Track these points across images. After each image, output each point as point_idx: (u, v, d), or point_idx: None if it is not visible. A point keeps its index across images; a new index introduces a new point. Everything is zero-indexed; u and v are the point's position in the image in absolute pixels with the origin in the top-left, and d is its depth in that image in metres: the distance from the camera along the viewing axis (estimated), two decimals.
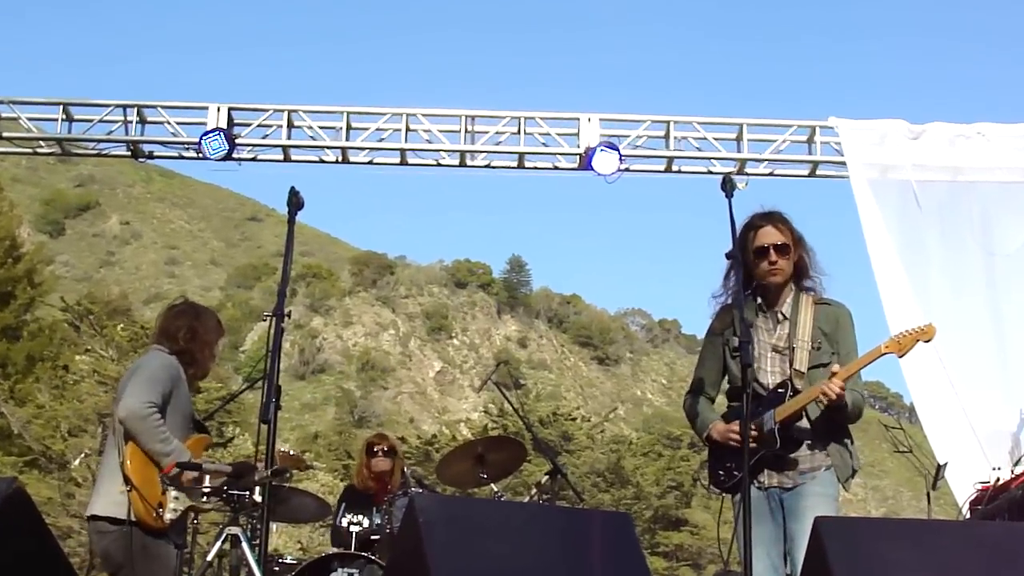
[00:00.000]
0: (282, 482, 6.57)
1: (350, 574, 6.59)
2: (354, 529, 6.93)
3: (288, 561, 7.08)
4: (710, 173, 9.94)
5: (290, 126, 9.85)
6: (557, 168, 10.09)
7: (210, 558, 5.17)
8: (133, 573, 4.91)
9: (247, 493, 5.16)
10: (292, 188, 4.89)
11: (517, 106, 9.86)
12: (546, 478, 7.47)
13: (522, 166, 10.08)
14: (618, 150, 9.51)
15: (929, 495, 8.35)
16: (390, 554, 6.44)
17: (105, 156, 10.45)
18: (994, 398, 8.55)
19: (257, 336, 75.05)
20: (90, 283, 73.71)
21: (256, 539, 5.50)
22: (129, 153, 10.08)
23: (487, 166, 10.15)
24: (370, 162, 10.13)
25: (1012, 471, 7.47)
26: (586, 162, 9.59)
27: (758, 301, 4.88)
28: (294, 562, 7.00)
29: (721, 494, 4.80)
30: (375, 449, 7.63)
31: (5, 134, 9.99)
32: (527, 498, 8.65)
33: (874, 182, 9.27)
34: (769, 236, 4.80)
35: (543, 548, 4.09)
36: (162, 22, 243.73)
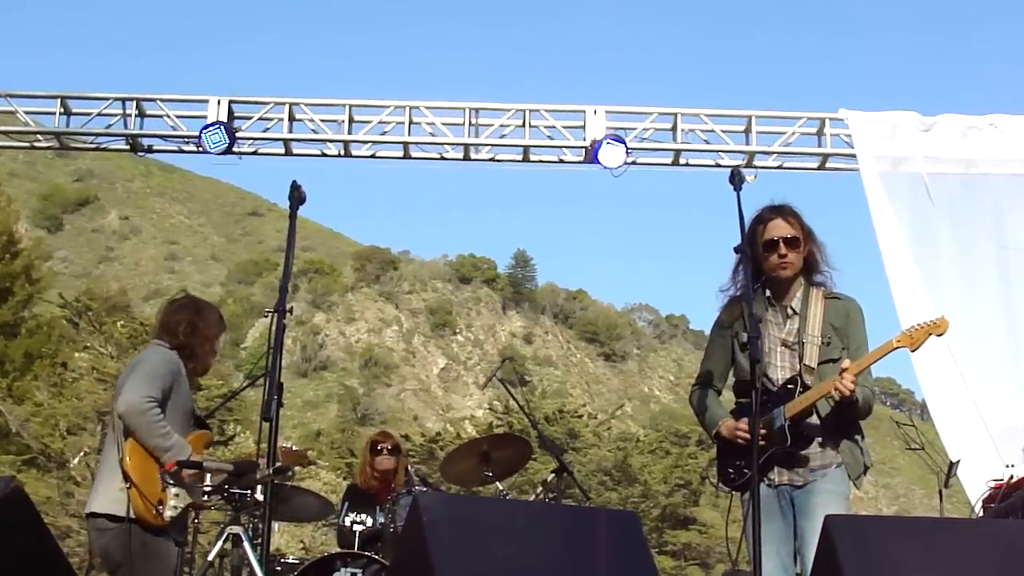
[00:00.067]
0: (284, 480, 6.57)
1: (353, 574, 6.59)
2: (357, 528, 6.94)
3: (290, 561, 7.09)
4: (718, 166, 9.93)
5: (291, 119, 9.86)
6: (562, 161, 10.08)
7: (211, 558, 5.18)
8: (132, 571, 4.92)
9: (249, 492, 5.17)
10: (294, 182, 4.88)
11: (522, 98, 9.85)
12: (552, 476, 7.48)
13: (527, 159, 10.07)
14: (624, 143, 9.51)
15: (941, 493, 8.35)
16: (394, 553, 6.45)
17: (104, 150, 10.47)
18: (1007, 394, 8.55)
19: (258, 332, 75.18)
20: (89, 279, 73.74)
21: (258, 538, 5.50)
22: (128, 147, 10.09)
23: (491, 159, 10.15)
24: (373, 155, 10.13)
25: None
26: (592, 155, 9.59)
27: (767, 295, 4.88)
28: (296, 562, 7.00)
29: (730, 492, 4.79)
30: (379, 447, 7.64)
31: (2, 128, 10.02)
32: (533, 497, 8.66)
33: (885, 175, 9.26)
34: (779, 229, 4.80)
35: (549, 547, 4.09)
36: (161, 13, 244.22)
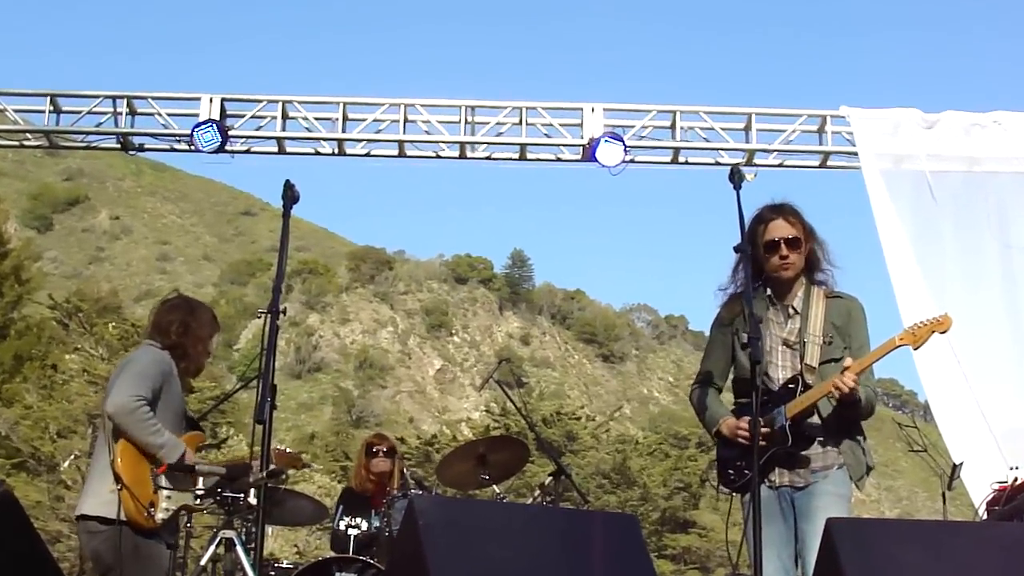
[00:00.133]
0: (278, 484, 6.57)
1: None
2: (352, 532, 6.94)
3: (284, 566, 7.08)
4: (718, 164, 9.94)
5: (285, 117, 9.85)
6: (560, 160, 10.09)
7: (204, 562, 5.19)
8: (123, 574, 4.91)
9: (242, 495, 5.17)
10: (287, 181, 4.88)
11: (519, 96, 9.84)
12: (550, 479, 7.47)
13: (524, 158, 10.08)
14: (623, 141, 9.51)
15: (944, 495, 8.36)
16: (389, 557, 6.44)
17: (94, 149, 10.46)
18: (1011, 394, 8.55)
19: (252, 334, 75.10)
20: (79, 280, 73.68)
21: (251, 543, 5.50)
22: (119, 146, 10.08)
23: (488, 158, 10.15)
24: (367, 154, 10.14)
25: None
26: (590, 153, 9.59)
27: (768, 293, 4.89)
28: (290, 566, 6.99)
29: (731, 493, 4.79)
30: (374, 450, 7.63)
31: None
32: (530, 500, 8.66)
33: (887, 173, 9.26)
34: (780, 230, 4.80)
35: (546, 551, 4.09)
36: (153, 10, 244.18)
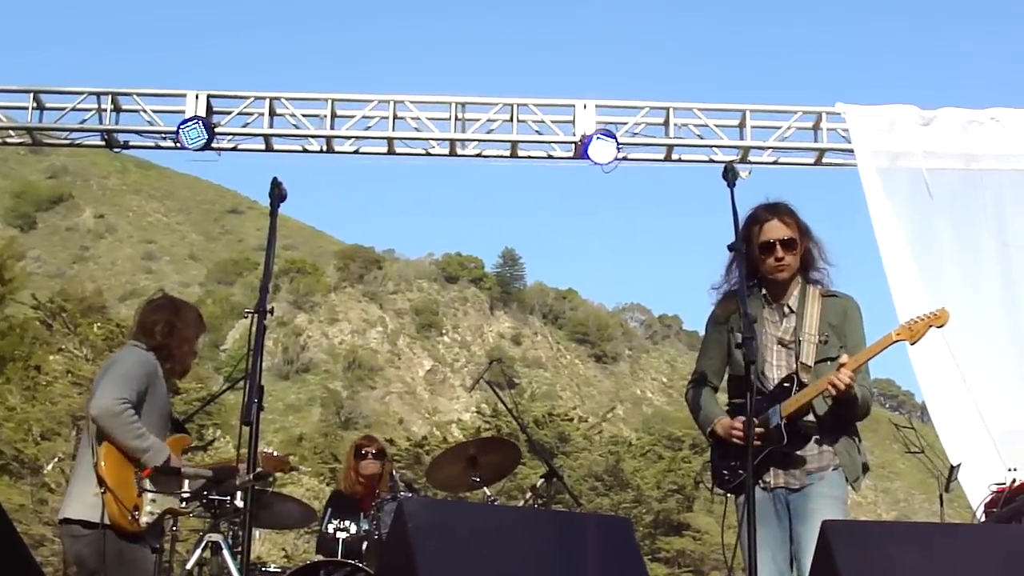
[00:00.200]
0: (265, 486, 6.55)
1: None
2: (341, 535, 6.92)
3: (272, 570, 7.09)
4: (711, 162, 9.94)
5: (272, 114, 9.83)
6: (552, 157, 10.09)
7: (190, 566, 5.17)
8: None
9: (228, 498, 5.16)
10: (274, 179, 4.87)
11: (509, 92, 9.84)
12: (541, 481, 7.47)
13: (515, 155, 10.07)
14: (615, 138, 9.51)
15: (942, 497, 8.37)
16: (378, 561, 6.43)
17: (78, 146, 10.43)
18: (1009, 395, 8.56)
19: (239, 334, 75.02)
20: (63, 279, 73.53)
21: (238, 546, 5.48)
22: (103, 143, 10.05)
23: (478, 155, 10.16)
24: (356, 151, 10.12)
25: None
26: (582, 150, 9.58)
27: (763, 292, 4.90)
28: (278, 570, 7.00)
29: (725, 494, 4.80)
30: (363, 452, 7.63)
31: None
32: (521, 502, 8.66)
33: (883, 170, 9.27)
34: (775, 231, 4.80)
35: (538, 555, 4.08)
36: (138, 5, 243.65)
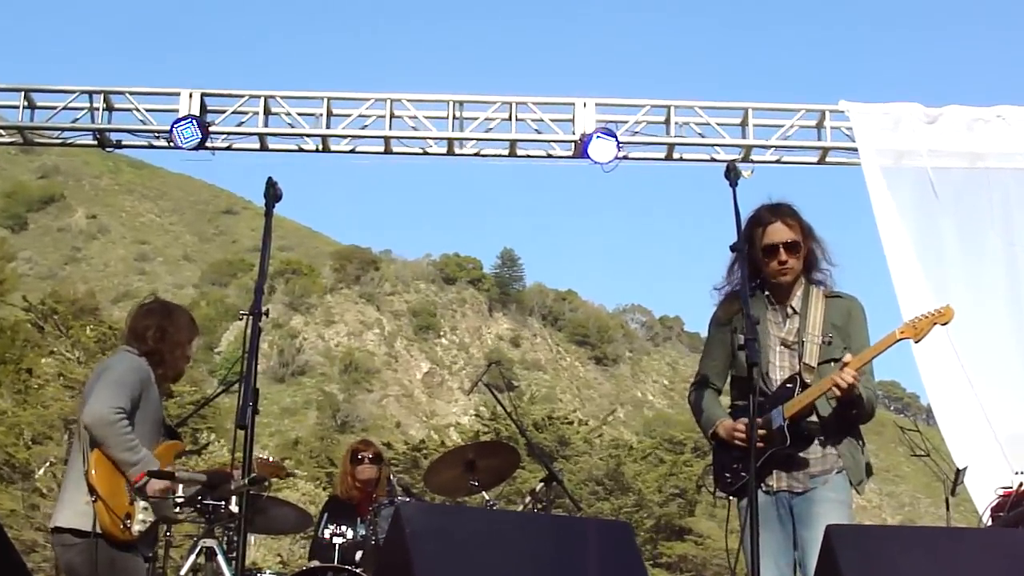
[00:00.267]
0: (260, 491, 6.56)
1: None
2: (337, 541, 6.93)
3: (267, 575, 7.09)
4: (713, 161, 9.94)
5: (267, 113, 9.83)
6: (551, 156, 10.09)
7: (184, 572, 5.18)
8: None
9: (223, 503, 5.16)
10: (269, 179, 4.86)
11: (508, 90, 9.84)
12: (541, 485, 7.48)
13: (514, 154, 10.07)
14: (616, 137, 9.50)
15: (948, 501, 8.38)
16: (375, 567, 6.44)
17: (70, 145, 10.41)
18: (1015, 397, 8.55)
19: (233, 336, 75.08)
20: (55, 281, 73.57)
21: (233, 552, 5.49)
22: (95, 142, 10.04)
23: (477, 154, 10.15)
24: (352, 150, 10.12)
25: None
26: (582, 149, 9.58)
27: (766, 293, 4.90)
28: None
29: (727, 497, 4.80)
30: (359, 456, 7.64)
31: None
32: (521, 507, 8.66)
33: (887, 169, 9.27)
34: (778, 234, 4.81)
35: (537, 560, 4.08)
36: (130, 2, 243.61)
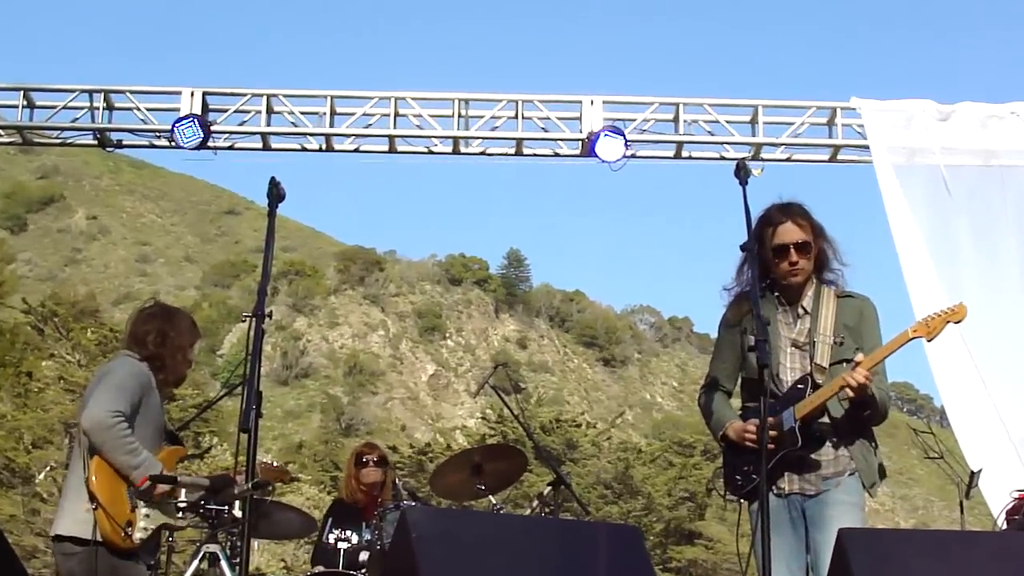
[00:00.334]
0: (263, 496, 6.56)
1: None
2: (342, 546, 6.93)
3: None
4: (723, 159, 9.94)
5: (269, 112, 9.84)
6: (558, 155, 10.09)
7: None
8: None
9: (226, 508, 5.16)
10: (272, 178, 4.87)
11: (514, 88, 9.85)
12: (549, 489, 7.47)
13: (520, 153, 10.08)
14: (623, 135, 9.50)
15: (962, 504, 8.36)
16: (381, 572, 6.44)
17: (70, 145, 10.43)
18: None
19: (236, 339, 75.11)
20: (55, 283, 73.70)
21: (236, 557, 5.49)
22: (96, 142, 10.06)
23: (482, 153, 10.15)
24: (356, 150, 10.13)
25: None
26: (589, 148, 9.59)
27: (776, 294, 4.90)
28: None
29: (738, 500, 4.80)
30: (364, 459, 7.65)
31: None
32: (528, 511, 8.66)
33: (900, 167, 9.26)
34: (789, 234, 4.80)
35: (545, 565, 4.09)
36: (131, 0, 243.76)
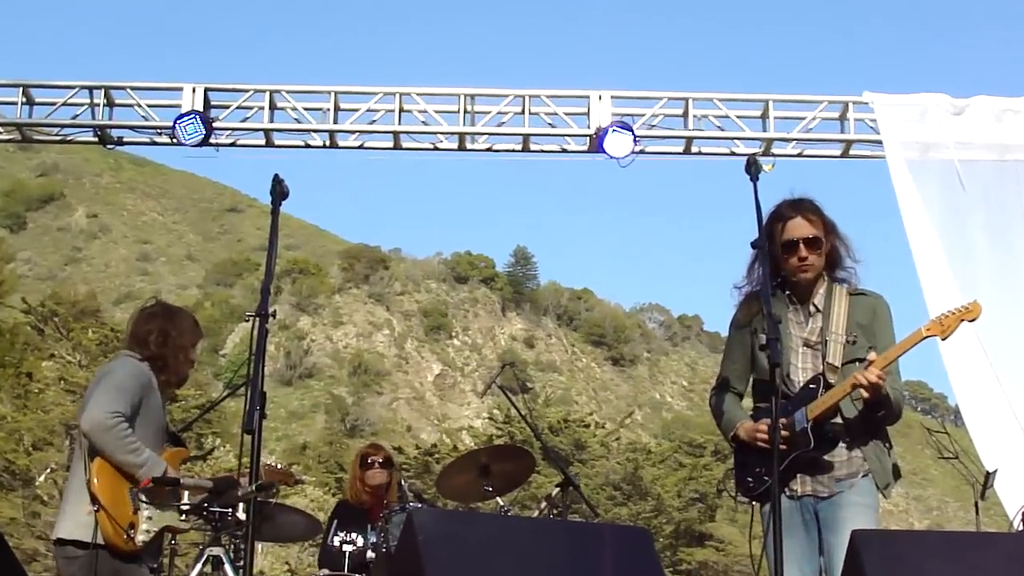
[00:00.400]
0: (268, 498, 6.57)
1: None
2: (347, 548, 6.94)
3: None
4: (733, 155, 9.93)
5: (272, 108, 9.83)
6: (565, 151, 10.07)
7: None
8: None
9: (230, 510, 5.17)
10: (275, 175, 4.88)
11: (521, 84, 9.83)
12: (557, 490, 7.48)
13: (527, 149, 10.06)
14: (632, 131, 9.49)
15: (977, 505, 8.37)
16: (386, 574, 6.46)
17: (70, 142, 10.43)
18: None
19: (239, 338, 75.23)
20: (55, 282, 73.83)
21: (240, 560, 5.50)
22: (96, 139, 10.06)
23: (489, 149, 10.14)
24: (360, 146, 10.12)
25: None
26: (597, 144, 9.58)
27: (787, 292, 4.89)
28: None
29: (749, 502, 4.80)
30: (369, 460, 7.66)
31: None
32: (536, 513, 8.67)
33: (913, 162, 9.25)
34: (799, 229, 4.80)
35: (553, 567, 4.09)
36: None
